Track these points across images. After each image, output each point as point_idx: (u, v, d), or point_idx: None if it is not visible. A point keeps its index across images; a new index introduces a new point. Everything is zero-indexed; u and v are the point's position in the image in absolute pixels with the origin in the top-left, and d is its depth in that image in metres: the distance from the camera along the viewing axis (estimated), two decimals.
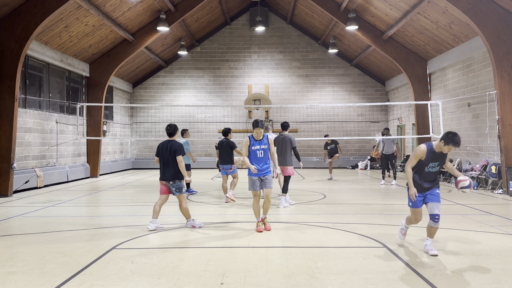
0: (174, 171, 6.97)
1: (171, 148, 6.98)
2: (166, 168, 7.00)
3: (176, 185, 7.04)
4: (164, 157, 7.02)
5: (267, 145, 6.96)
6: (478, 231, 6.82)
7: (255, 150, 6.90)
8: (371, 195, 11.83)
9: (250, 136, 6.97)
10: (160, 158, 7.10)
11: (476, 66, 13.89)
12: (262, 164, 6.92)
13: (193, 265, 5.03)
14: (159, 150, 7.12)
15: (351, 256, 5.36)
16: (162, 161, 7.07)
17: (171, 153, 6.97)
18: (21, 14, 11.66)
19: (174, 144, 7.01)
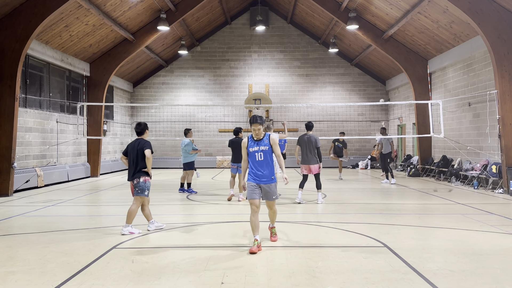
0: (139, 168, 6.79)
1: (138, 146, 6.81)
2: (133, 167, 6.83)
3: (139, 185, 6.81)
4: (132, 155, 6.85)
5: (268, 146, 5.80)
6: (479, 231, 6.81)
7: (253, 152, 5.80)
8: (372, 194, 11.82)
9: (250, 136, 5.93)
10: (129, 158, 6.93)
11: (476, 65, 13.88)
12: (263, 169, 5.80)
13: (193, 265, 5.03)
14: (127, 149, 6.97)
15: (351, 255, 5.36)
16: (130, 160, 6.91)
17: (139, 151, 6.78)
18: (22, 14, 11.66)
19: (141, 142, 6.86)
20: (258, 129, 5.79)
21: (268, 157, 5.82)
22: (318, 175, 9.99)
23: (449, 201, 10.25)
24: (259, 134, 5.84)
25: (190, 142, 12.19)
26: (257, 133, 5.82)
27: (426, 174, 16.94)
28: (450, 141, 15.03)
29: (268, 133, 5.92)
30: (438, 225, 7.37)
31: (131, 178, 6.84)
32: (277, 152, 5.89)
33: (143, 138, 6.99)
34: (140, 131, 7.01)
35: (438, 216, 8.33)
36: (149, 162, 6.76)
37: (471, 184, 13.11)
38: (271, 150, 5.86)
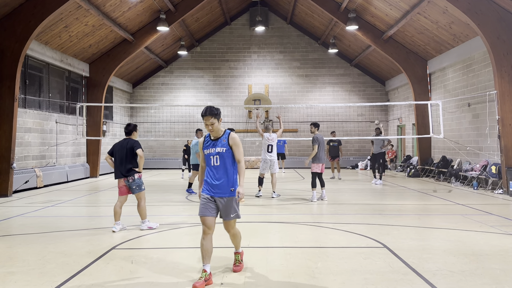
0: (131, 166, 6.92)
1: (127, 145, 6.94)
2: (122, 166, 6.93)
3: (136, 182, 6.96)
4: (119, 154, 6.97)
5: (226, 147, 4.50)
6: (478, 231, 6.81)
7: (208, 155, 4.54)
8: (371, 195, 11.82)
9: (207, 134, 4.70)
10: (115, 157, 7.05)
11: (476, 66, 13.89)
12: (219, 177, 4.48)
13: (193, 265, 5.03)
14: (114, 149, 7.08)
15: (351, 256, 5.36)
16: (117, 159, 7.01)
17: (128, 150, 6.90)
18: (21, 14, 11.66)
19: (130, 141, 7.01)
20: (210, 124, 4.49)
21: (227, 162, 4.48)
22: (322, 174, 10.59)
23: (448, 201, 10.25)
24: (213, 131, 4.52)
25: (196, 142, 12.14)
26: (210, 129, 4.52)
27: (426, 174, 16.94)
28: (449, 142, 15.04)
29: (228, 130, 4.64)
30: (437, 225, 7.37)
31: (123, 176, 6.94)
32: (238, 157, 4.53)
33: (131, 138, 7.13)
34: (129, 131, 7.15)
35: (437, 216, 8.33)
36: (142, 160, 6.92)
37: (471, 184, 13.11)
38: (230, 152, 4.50)
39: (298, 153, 23.06)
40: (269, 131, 11.21)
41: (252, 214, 8.67)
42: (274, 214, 8.67)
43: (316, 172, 10.47)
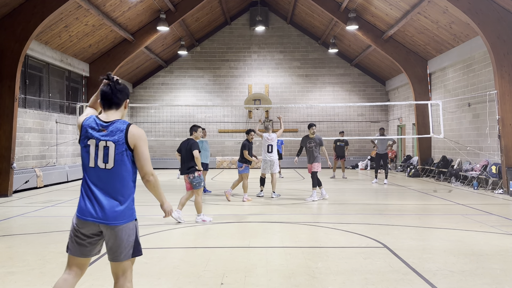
0: (192, 165, 7.65)
1: (187, 146, 7.75)
2: (184, 164, 7.75)
3: (196, 180, 7.65)
4: (183, 153, 7.81)
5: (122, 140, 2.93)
6: (478, 231, 6.81)
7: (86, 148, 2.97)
8: (372, 195, 11.82)
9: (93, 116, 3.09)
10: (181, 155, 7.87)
11: (476, 66, 13.88)
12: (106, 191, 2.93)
13: (193, 265, 5.03)
14: (180, 147, 7.93)
15: (351, 256, 5.36)
16: (182, 157, 7.84)
17: (187, 150, 7.71)
18: (21, 14, 11.65)
19: (190, 141, 7.79)
20: None
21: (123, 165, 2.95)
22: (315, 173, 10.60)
23: (449, 201, 10.25)
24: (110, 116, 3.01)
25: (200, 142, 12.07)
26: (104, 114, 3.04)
27: (426, 174, 16.94)
28: (450, 142, 15.03)
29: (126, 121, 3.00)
30: (438, 225, 7.37)
31: (185, 173, 7.73)
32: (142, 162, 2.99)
33: (192, 138, 7.90)
34: (191, 132, 8.00)
35: (438, 216, 8.33)
36: (197, 160, 7.63)
37: (471, 184, 13.11)
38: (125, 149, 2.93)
39: None
40: (269, 131, 11.18)
41: (252, 214, 8.67)
42: (274, 214, 8.66)
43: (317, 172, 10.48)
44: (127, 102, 3.12)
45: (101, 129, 2.95)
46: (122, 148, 2.93)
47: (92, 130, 2.96)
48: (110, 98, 3.02)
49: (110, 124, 2.97)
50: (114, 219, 2.90)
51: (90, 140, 2.95)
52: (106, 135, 2.94)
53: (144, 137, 3.02)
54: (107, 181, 2.93)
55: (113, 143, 2.93)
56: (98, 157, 2.93)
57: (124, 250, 2.96)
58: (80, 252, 2.99)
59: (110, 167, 2.93)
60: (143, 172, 3.03)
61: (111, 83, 3.03)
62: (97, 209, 2.89)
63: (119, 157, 2.93)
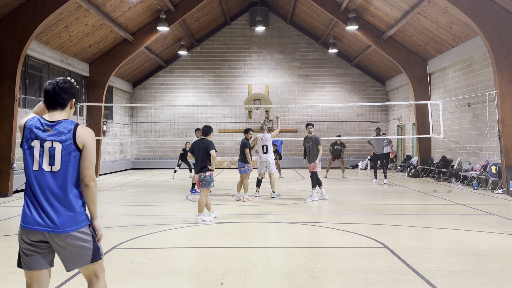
0: (205, 164, 7.79)
1: (203, 145, 7.85)
2: (198, 163, 7.88)
3: (206, 179, 7.76)
4: (196, 153, 7.90)
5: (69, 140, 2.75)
6: (478, 231, 6.81)
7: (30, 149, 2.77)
8: (371, 195, 11.83)
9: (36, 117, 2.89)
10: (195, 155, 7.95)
11: (476, 66, 13.89)
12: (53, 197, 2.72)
13: (193, 265, 5.03)
14: (193, 147, 8.02)
15: (351, 256, 5.36)
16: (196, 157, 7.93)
17: (203, 150, 7.81)
18: (21, 14, 11.66)
19: (206, 141, 7.91)
20: None
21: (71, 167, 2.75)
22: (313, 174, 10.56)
23: (448, 201, 10.25)
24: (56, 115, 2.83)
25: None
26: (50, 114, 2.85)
27: (426, 174, 16.94)
28: (449, 142, 15.04)
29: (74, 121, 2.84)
30: (437, 225, 7.38)
31: (198, 171, 7.83)
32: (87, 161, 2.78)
33: (207, 138, 8.01)
34: (205, 133, 8.08)
35: (437, 216, 8.34)
36: (214, 160, 7.79)
37: (471, 184, 13.11)
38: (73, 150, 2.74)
39: (298, 153, 23.05)
40: (264, 131, 11.20)
41: (252, 214, 8.67)
42: (274, 214, 8.67)
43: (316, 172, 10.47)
44: (72, 102, 2.90)
45: (46, 129, 2.75)
46: (70, 148, 2.72)
47: (37, 130, 2.75)
48: (53, 97, 2.82)
49: (56, 124, 2.77)
50: (62, 227, 2.67)
51: (34, 141, 2.73)
52: (52, 135, 2.73)
53: (93, 138, 2.83)
54: (53, 185, 2.70)
55: (60, 143, 2.72)
56: (43, 159, 2.71)
57: (80, 257, 2.76)
58: (36, 264, 2.74)
59: (56, 170, 2.70)
60: (83, 175, 2.76)
61: (54, 82, 2.84)
62: (44, 216, 2.66)
63: (66, 158, 2.72)
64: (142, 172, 21.14)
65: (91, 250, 2.79)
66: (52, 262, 2.84)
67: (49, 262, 2.81)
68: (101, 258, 2.88)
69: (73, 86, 2.89)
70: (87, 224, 2.80)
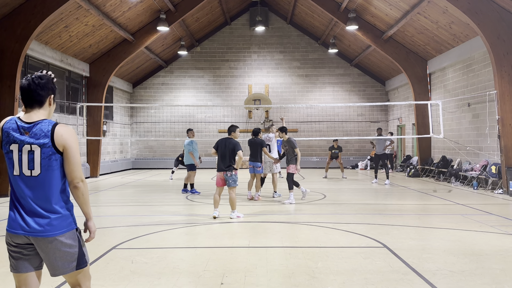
0: (230, 163, 7.93)
1: (230, 145, 7.95)
2: (223, 161, 7.95)
3: (232, 177, 7.92)
4: (222, 151, 7.98)
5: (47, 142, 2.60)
6: (478, 231, 6.82)
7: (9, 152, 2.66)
8: (371, 195, 11.83)
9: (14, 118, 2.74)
10: (218, 152, 8.04)
11: (476, 66, 13.89)
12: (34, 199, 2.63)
13: (193, 265, 5.03)
14: (218, 145, 8.08)
15: (351, 256, 5.36)
16: (219, 155, 8.01)
17: (230, 149, 7.92)
18: (21, 14, 11.66)
19: (232, 141, 8.03)
20: None
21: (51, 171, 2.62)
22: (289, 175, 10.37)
23: (448, 201, 10.25)
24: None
25: (190, 142, 12.12)
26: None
27: (426, 174, 16.94)
28: (449, 142, 15.04)
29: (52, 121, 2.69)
30: (437, 225, 7.38)
31: (223, 170, 7.93)
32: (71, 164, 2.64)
33: (232, 138, 8.13)
34: (229, 132, 8.23)
35: (437, 216, 8.34)
36: (240, 160, 7.95)
37: (471, 184, 13.11)
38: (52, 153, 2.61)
39: None
40: (268, 131, 11.27)
41: (252, 214, 8.67)
42: (274, 214, 8.67)
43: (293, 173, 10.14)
44: (51, 98, 2.72)
45: (23, 132, 2.59)
46: (49, 151, 2.58)
47: (14, 132, 2.60)
48: (29, 94, 2.64)
49: (34, 125, 2.61)
50: (45, 231, 2.58)
51: (12, 145, 2.59)
52: (30, 138, 2.58)
53: (74, 138, 2.66)
54: (35, 189, 2.59)
55: (39, 146, 2.57)
56: (23, 163, 2.58)
57: (65, 263, 2.67)
58: (23, 266, 2.72)
59: (36, 174, 2.59)
60: (71, 177, 2.64)
61: (30, 77, 2.65)
62: (27, 220, 2.58)
63: (46, 162, 2.59)
64: (142, 172, 21.14)
65: (76, 257, 2.70)
66: (40, 265, 2.76)
67: (36, 265, 2.75)
68: (86, 265, 2.78)
69: (50, 81, 2.71)
70: (73, 229, 2.70)
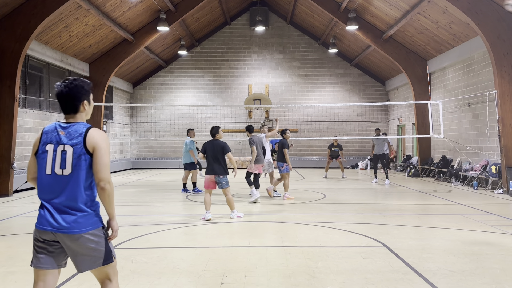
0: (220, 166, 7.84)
1: (218, 147, 7.85)
2: (215, 164, 7.83)
3: (225, 179, 7.86)
4: (212, 154, 7.84)
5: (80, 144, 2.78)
6: (478, 231, 6.81)
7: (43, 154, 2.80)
8: (371, 195, 11.83)
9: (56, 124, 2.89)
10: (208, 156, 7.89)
11: (476, 66, 13.89)
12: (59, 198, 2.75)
13: (193, 265, 5.03)
14: (205, 148, 7.94)
15: (351, 256, 5.36)
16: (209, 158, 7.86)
17: (218, 151, 7.82)
18: (21, 14, 11.66)
19: (220, 142, 7.93)
20: None
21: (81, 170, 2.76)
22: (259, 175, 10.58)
23: (448, 201, 10.25)
24: None
25: (192, 141, 12.13)
26: None
27: (426, 174, 16.94)
28: (449, 142, 15.04)
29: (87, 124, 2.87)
30: (437, 225, 7.38)
31: (213, 173, 7.82)
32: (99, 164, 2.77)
33: (217, 139, 8.00)
34: (213, 134, 8.04)
35: (437, 216, 8.34)
36: (232, 161, 7.93)
37: (471, 184, 13.11)
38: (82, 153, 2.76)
39: (299, 153, 23.07)
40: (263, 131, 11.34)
41: (252, 214, 8.67)
42: (274, 214, 8.67)
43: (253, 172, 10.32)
44: (84, 103, 2.88)
45: (60, 132, 2.79)
46: (80, 151, 2.74)
47: (52, 133, 2.81)
48: (63, 103, 2.86)
49: (70, 126, 2.82)
50: (72, 228, 2.71)
51: (48, 145, 2.79)
52: (65, 139, 2.77)
53: (105, 141, 2.83)
54: (64, 188, 2.73)
55: (71, 146, 2.75)
56: (56, 163, 2.75)
57: (92, 259, 2.80)
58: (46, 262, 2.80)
59: (67, 173, 2.74)
60: (98, 178, 2.77)
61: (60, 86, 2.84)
62: (56, 218, 2.71)
63: (77, 161, 2.74)
64: (142, 172, 21.14)
65: (103, 253, 2.83)
66: (61, 264, 2.88)
67: (58, 263, 2.85)
68: (113, 260, 2.91)
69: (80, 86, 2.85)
70: (99, 226, 2.83)
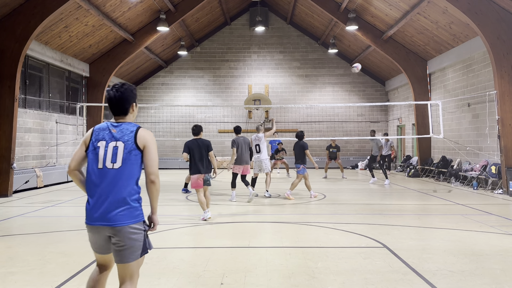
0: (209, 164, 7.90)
1: (203, 145, 7.86)
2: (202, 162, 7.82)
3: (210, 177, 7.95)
4: (198, 153, 7.82)
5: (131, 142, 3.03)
6: (478, 231, 6.82)
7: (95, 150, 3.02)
8: (371, 195, 11.83)
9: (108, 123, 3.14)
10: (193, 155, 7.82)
11: (476, 66, 13.89)
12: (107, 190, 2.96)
13: (193, 265, 5.03)
14: (189, 148, 7.87)
15: (351, 256, 5.36)
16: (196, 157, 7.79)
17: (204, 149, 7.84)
18: (21, 14, 11.66)
19: (205, 141, 7.93)
20: None
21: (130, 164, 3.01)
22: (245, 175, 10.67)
23: (448, 201, 10.25)
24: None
25: None
26: None
27: (426, 174, 16.94)
28: (449, 142, 15.04)
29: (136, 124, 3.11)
30: (437, 225, 7.38)
31: (205, 171, 7.82)
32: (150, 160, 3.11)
33: (201, 138, 8.00)
34: (197, 132, 8.02)
35: (437, 216, 8.34)
36: (213, 159, 7.92)
37: (471, 184, 13.11)
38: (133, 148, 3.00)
39: None
40: (259, 131, 11.38)
41: (252, 214, 8.67)
42: (273, 214, 8.67)
43: (236, 174, 10.55)
44: (133, 106, 3.18)
45: (111, 130, 3.03)
46: (131, 147, 2.98)
47: (104, 131, 3.04)
48: (113, 106, 3.12)
49: (121, 124, 3.06)
50: (116, 220, 2.90)
51: (100, 141, 3.00)
52: (116, 135, 3.01)
53: (153, 140, 3.13)
54: (113, 181, 2.94)
55: (123, 143, 2.98)
56: (107, 157, 2.96)
57: (132, 252, 2.97)
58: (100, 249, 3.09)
59: (117, 167, 2.96)
60: (148, 172, 3.08)
61: (111, 91, 3.11)
62: (104, 211, 2.92)
63: (127, 156, 2.98)
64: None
65: (141, 245, 3.02)
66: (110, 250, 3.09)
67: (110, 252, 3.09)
68: (147, 252, 3.12)
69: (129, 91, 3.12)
70: (141, 220, 3.05)
